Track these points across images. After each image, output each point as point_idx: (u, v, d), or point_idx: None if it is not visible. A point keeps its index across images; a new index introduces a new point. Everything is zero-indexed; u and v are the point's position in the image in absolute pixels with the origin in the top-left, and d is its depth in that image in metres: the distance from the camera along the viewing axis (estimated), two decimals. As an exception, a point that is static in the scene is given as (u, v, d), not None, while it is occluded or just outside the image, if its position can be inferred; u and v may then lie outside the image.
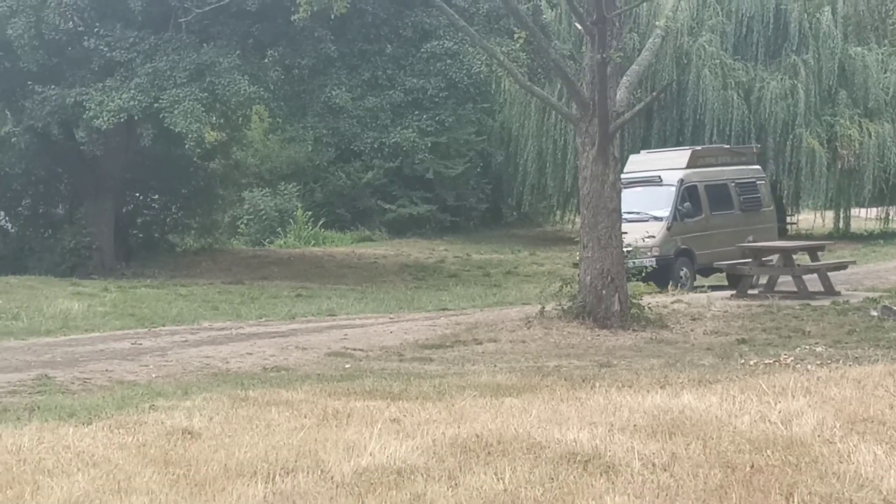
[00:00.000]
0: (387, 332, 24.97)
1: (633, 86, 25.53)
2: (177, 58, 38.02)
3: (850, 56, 53.21)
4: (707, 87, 50.21)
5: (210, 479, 9.38)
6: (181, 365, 20.07)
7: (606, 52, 23.24)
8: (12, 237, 46.44)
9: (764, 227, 37.08)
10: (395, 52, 41.15)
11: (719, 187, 36.54)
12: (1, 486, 9.43)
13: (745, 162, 39.44)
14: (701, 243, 34.73)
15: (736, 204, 36.71)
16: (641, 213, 33.98)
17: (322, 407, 13.25)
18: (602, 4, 23.20)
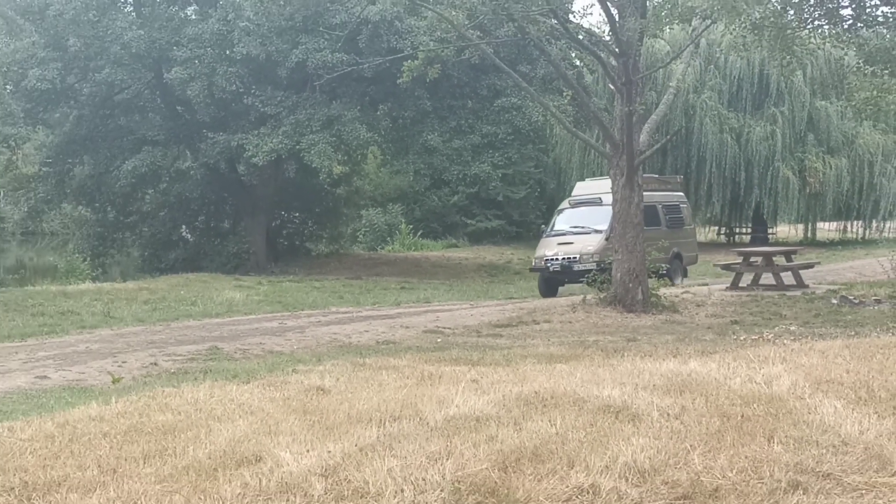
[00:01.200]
0: (468, 315, 24.95)
1: (652, 130, 25.40)
2: (312, 112, 38.22)
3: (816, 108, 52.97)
4: (707, 132, 49.96)
5: (337, 424, 9.39)
6: (315, 339, 20.15)
7: (632, 105, 23.32)
8: (191, 244, 46.78)
9: (686, 241, 35.79)
10: (474, 106, 41.17)
11: (650, 207, 31.92)
12: (184, 428, 9.49)
13: (671, 189, 37.04)
14: None
15: (663, 222, 34.53)
16: (586, 227, 32.74)
17: (420, 370, 13.23)
18: (629, 71, 23.27)
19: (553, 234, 33.80)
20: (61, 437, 9.35)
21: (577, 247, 31.73)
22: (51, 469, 8.04)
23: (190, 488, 7.38)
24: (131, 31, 39.56)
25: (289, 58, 37.57)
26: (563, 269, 31.79)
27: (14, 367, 16.63)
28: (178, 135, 43.54)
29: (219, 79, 38.60)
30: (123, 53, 39.83)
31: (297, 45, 37.47)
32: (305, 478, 7.47)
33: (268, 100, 39.15)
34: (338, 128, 38.25)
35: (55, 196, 48.22)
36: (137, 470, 7.98)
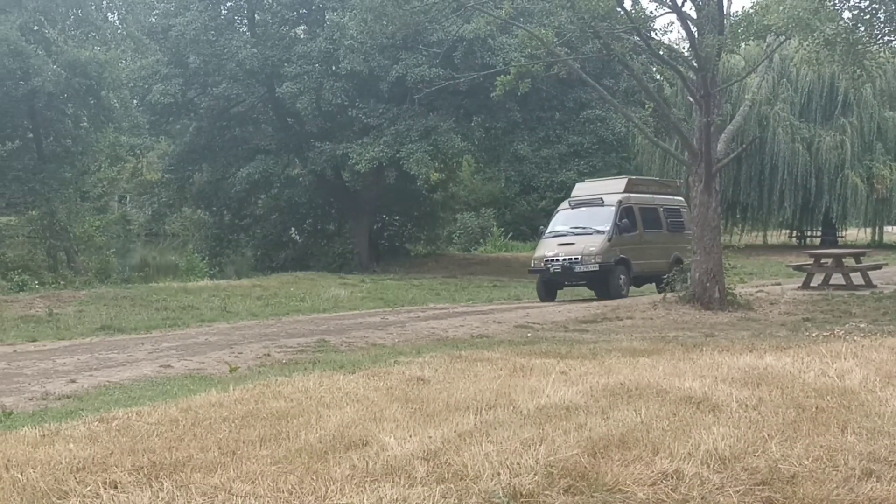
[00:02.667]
0: (556, 312, 24.84)
1: (729, 140, 25.11)
2: (411, 123, 38.41)
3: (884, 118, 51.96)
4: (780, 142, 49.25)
5: (437, 412, 9.40)
6: (415, 333, 20.17)
7: (710, 116, 23.13)
8: (300, 245, 47.16)
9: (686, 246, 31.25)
10: (561, 118, 41.08)
11: (651, 210, 31.66)
12: (296, 414, 9.55)
13: (671, 192, 34.09)
14: (636, 254, 30.01)
15: (664, 225, 31.96)
16: (587, 228, 29.96)
17: (512, 363, 13.20)
18: (707, 84, 23.09)
19: (553, 234, 31.06)
20: (185, 421, 9.46)
21: (578, 247, 29.28)
22: (176, 450, 8.13)
23: (303, 469, 7.43)
24: (246, 49, 40.07)
25: (390, 73, 37.76)
26: (563, 271, 29.23)
27: (141, 357, 16.85)
28: (289, 144, 43.90)
29: (325, 93, 38.98)
30: (239, 70, 40.36)
31: (397, 62, 37.65)
32: (409, 461, 7.49)
33: (370, 112, 39.40)
34: (435, 137, 38.38)
35: (176, 200, 49.04)
36: (254, 452, 8.05)
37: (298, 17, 45.30)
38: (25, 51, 35.25)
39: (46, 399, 12.56)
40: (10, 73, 35.97)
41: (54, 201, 37.62)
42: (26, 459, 7.91)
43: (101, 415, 10.06)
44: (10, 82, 36.59)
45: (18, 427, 9.73)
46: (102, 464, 7.75)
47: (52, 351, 17.99)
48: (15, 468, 7.64)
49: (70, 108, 39.56)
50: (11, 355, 17.43)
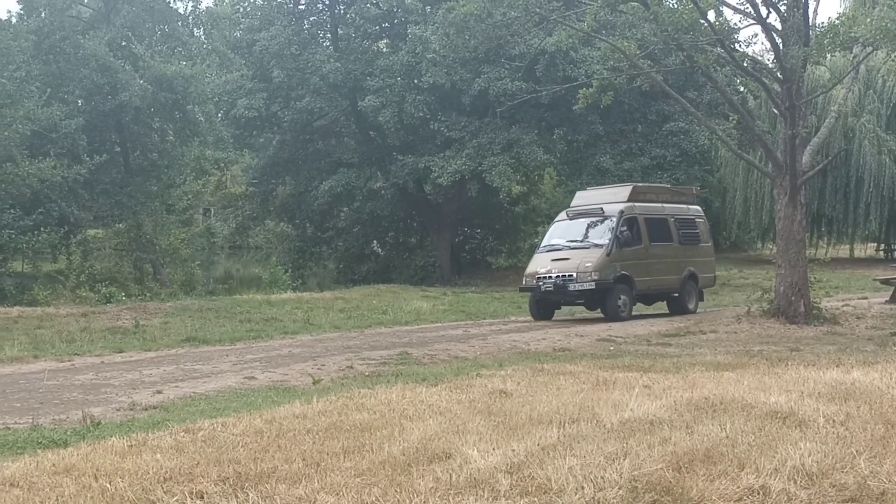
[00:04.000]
0: (639, 325, 24.74)
1: (814, 152, 24.86)
2: (493, 136, 38.45)
3: (970, 131, 51.14)
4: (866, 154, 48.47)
5: (520, 425, 9.39)
6: (496, 346, 20.16)
7: (795, 128, 22.94)
8: (382, 258, 47.30)
9: (702, 261, 29.77)
10: (643, 130, 40.92)
11: (659, 221, 28.66)
12: (379, 426, 9.58)
13: (685, 201, 30.65)
14: (640, 270, 27.30)
15: (675, 237, 28.87)
16: (584, 241, 27.37)
17: (595, 376, 13.15)
18: (792, 96, 22.91)
19: (547, 248, 28.32)
20: (269, 432, 9.53)
21: (573, 263, 26.63)
22: (261, 461, 8.20)
23: (387, 481, 7.45)
24: (329, 63, 40.38)
25: (472, 86, 37.83)
26: (556, 289, 26.64)
27: (225, 369, 17.01)
28: (371, 157, 44.10)
29: (408, 106, 39.15)
30: (322, 84, 40.66)
31: (479, 75, 37.70)
32: (492, 474, 7.48)
33: (452, 125, 39.50)
34: (517, 150, 38.40)
35: (260, 213, 49.48)
36: (338, 464, 8.09)
37: (381, 31, 45.58)
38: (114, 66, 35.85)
39: (133, 409, 12.71)
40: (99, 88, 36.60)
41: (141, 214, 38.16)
42: (114, 469, 8.02)
43: (186, 425, 10.17)
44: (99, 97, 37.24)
45: (107, 437, 9.86)
46: (189, 474, 7.83)
47: (138, 362, 18.22)
48: (103, 478, 7.75)
49: (156, 123, 40.17)
50: (99, 366, 17.68)
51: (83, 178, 34.79)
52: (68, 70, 36.84)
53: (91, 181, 36.51)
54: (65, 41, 36.85)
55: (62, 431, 10.98)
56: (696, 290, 29.31)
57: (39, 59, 36.77)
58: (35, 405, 13.29)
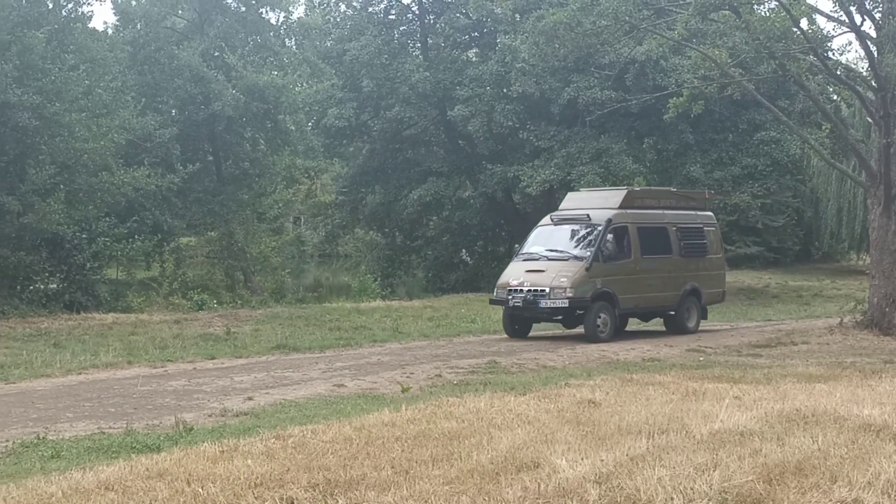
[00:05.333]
0: (728, 336, 24.55)
1: (910, 161, 24.47)
2: (582, 145, 38.30)
3: None
4: (964, 162, 47.76)
5: (609, 435, 9.36)
6: (585, 356, 20.11)
7: (890, 137, 22.60)
8: (471, 267, 47.28)
9: (709, 274, 26.84)
10: (734, 140, 40.51)
11: (656, 230, 25.66)
12: (468, 434, 9.61)
13: (693, 207, 27.64)
14: (626, 287, 24.23)
15: (675, 248, 25.92)
16: (563, 252, 24.39)
17: (684, 387, 13.08)
18: (887, 104, 22.59)
19: (525, 256, 25.52)
20: (358, 439, 9.59)
21: (548, 276, 23.70)
22: (350, 468, 8.25)
23: (475, 490, 7.46)
24: (419, 72, 40.53)
25: (561, 95, 37.74)
26: (525, 305, 23.86)
27: (315, 376, 17.15)
28: (460, 166, 44.18)
29: (497, 115, 39.16)
30: (411, 93, 40.84)
31: (568, 84, 37.60)
32: (581, 484, 7.46)
33: (541, 134, 39.44)
34: (606, 160, 38.21)
35: (349, 222, 49.74)
36: (427, 472, 8.12)
37: (470, 41, 45.67)
38: (207, 76, 36.36)
39: (225, 415, 12.86)
40: (192, 97, 37.13)
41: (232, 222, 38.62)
42: (206, 474, 8.13)
43: (277, 432, 10.27)
44: (192, 107, 37.77)
45: (199, 442, 9.99)
46: (279, 480, 7.91)
47: (229, 368, 18.42)
48: (196, 482, 7.85)
49: (248, 132, 40.64)
50: (192, 372, 17.90)
51: (176, 187, 35.28)
52: (163, 80, 37.42)
53: (184, 190, 37.02)
54: (159, 52, 37.45)
55: (155, 436, 11.14)
56: (698, 308, 26.49)
57: (135, 69, 37.40)
58: (129, 410, 13.50)
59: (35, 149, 28.00)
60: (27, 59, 27.12)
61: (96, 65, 31.67)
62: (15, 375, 17.31)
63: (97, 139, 29.48)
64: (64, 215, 28.06)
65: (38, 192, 27.77)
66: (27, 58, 27.13)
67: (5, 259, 26.62)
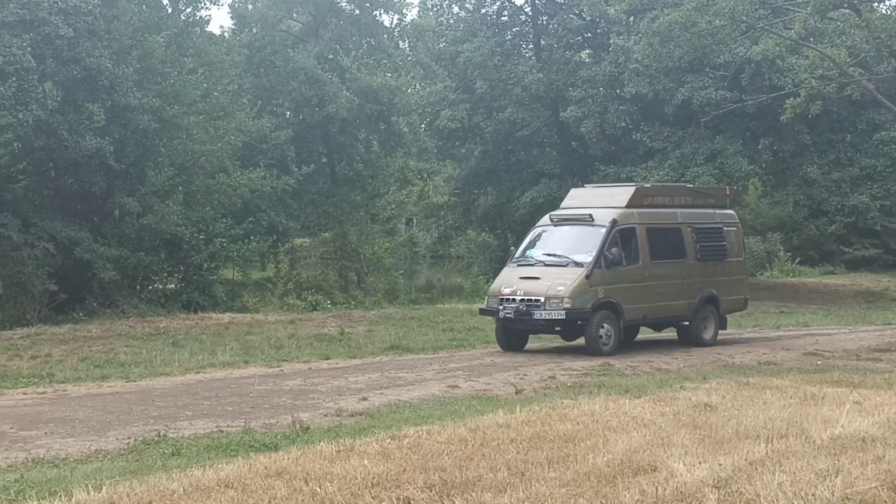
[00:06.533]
0: (847, 339, 24.14)
1: None
2: (697, 146, 37.92)
3: None
4: None
5: (726, 439, 9.27)
6: (700, 359, 19.93)
7: None
8: (583, 268, 46.97)
9: (729, 280, 24.06)
10: (853, 140, 39.75)
11: (668, 232, 23.01)
12: (583, 437, 9.58)
13: (712, 205, 24.73)
14: (632, 296, 21.63)
15: (690, 252, 23.13)
16: (562, 257, 21.78)
17: (802, 391, 12.89)
18: None
19: (519, 262, 22.86)
20: (473, 441, 9.60)
21: (543, 284, 21.14)
22: (465, 469, 8.26)
23: (592, 493, 7.43)
24: (531, 74, 40.53)
25: (675, 96, 37.42)
26: (517, 316, 21.04)
27: (429, 377, 17.21)
28: (572, 168, 44.05)
29: (610, 116, 38.99)
30: (524, 94, 40.85)
31: (682, 84, 37.26)
32: (699, 488, 7.40)
33: (655, 135, 39.15)
34: (720, 161, 37.79)
35: (462, 223, 49.82)
36: (542, 474, 8.10)
37: (583, 42, 45.53)
38: (322, 79, 36.74)
39: (340, 415, 12.97)
40: (307, 100, 37.53)
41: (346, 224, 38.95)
42: (324, 473, 8.20)
43: (392, 432, 10.33)
44: (307, 109, 38.19)
45: (315, 442, 10.09)
46: (395, 480, 7.96)
47: (344, 369, 18.56)
48: (314, 482, 7.92)
49: (362, 134, 40.96)
50: (307, 372, 18.08)
51: (291, 189, 35.69)
52: (278, 83, 37.89)
53: (299, 191, 37.43)
54: (275, 55, 37.92)
55: (272, 435, 11.27)
56: (716, 317, 23.60)
57: (251, 72, 37.90)
58: (246, 409, 13.68)
59: (154, 151, 28.54)
60: (147, 63, 27.67)
61: (214, 68, 32.20)
62: (135, 374, 17.67)
63: (214, 141, 29.98)
64: (182, 216, 28.57)
65: (157, 194, 28.33)
66: (147, 62, 27.68)
67: (125, 259, 27.12)
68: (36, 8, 23.94)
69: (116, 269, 26.68)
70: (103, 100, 25.79)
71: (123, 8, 27.39)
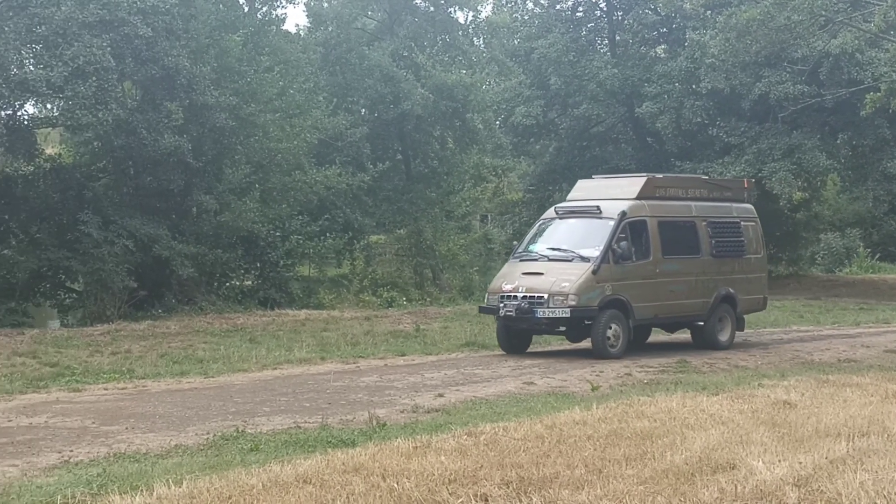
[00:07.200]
0: (929, 337, 23.83)
1: None
2: (774, 141, 37.56)
3: None
4: None
5: (805, 437, 9.18)
6: (778, 355, 19.79)
7: None
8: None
9: (746, 278, 22.71)
10: (935, 135, 39.25)
11: (681, 225, 21.72)
12: (660, 434, 9.54)
13: (729, 198, 23.44)
14: (643, 293, 20.31)
15: (705, 247, 21.75)
16: (567, 252, 20.49)
17: (884, 389, 12.76)
18: None
19: (522, 257, 21.58)
20: (550, 437, 9.60)
21: (547, 280, 19.83)
22: (542, 466, 8.26)
23: (670, 490, 7.40)
24: (606, 69, 40.38)
25: (752, 91, 37.06)
26: (519, 315, 19.69)
27: (504, 374, 17.22)
28: (648, 164, 43.65)
29: (686, 112, 38.71)
30: (599, 90, 40.69)
31: (759, 79, 36.89)
32: (779, 486, 7.34)
33: (731, 130, 38.83)
34: (798, 156, 37.39)
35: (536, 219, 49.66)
36: (620, 471, 8.08)
37: (659, 37, 45.20)
38: (397, 76, 36.81)
39: (416, 412, 13.01)
40: (382, 97, 37.61)
41: (421, 220, 38.98)
42: (401, 470, 8.23)
43: (469, 429, 10.35)
44: (382, 106, 38.26)
45: (392, 438, 10.13)
46: (472, 477, 7.97)
47: (419, 365, 18.62)
48: (391, 478, 7.96)
49: (437, 130, 40.96)
50: (383, 369, 18.16)
51: (367, 185, 35.82)
52: (353, 80, 37.99)
53: (374, 188, 37.54)
54: (350, 52, 38.02)
55: (349, 431, 11.33)
56: (733, 317, 22.24)
57: (326, 70, 38.06)
58: (323, 405, 13.76)
59: (231, 149, 28.79)
60: (224, 61, 27.92)
61: (290, 66, 32.40)
62: (213, 370, 17.84)
63: (290, 139, 30.18)
64: (258, 214, 28.79)
65: (234, 192, 28.57)
66: (224, 60, 27.92)
67: (203, 256, 27.37)
68: (115, 8, 24.21)
69: (194, 266, 26.95)
70: (181, 98, 26.06)
71: (201, 7, 27.66)
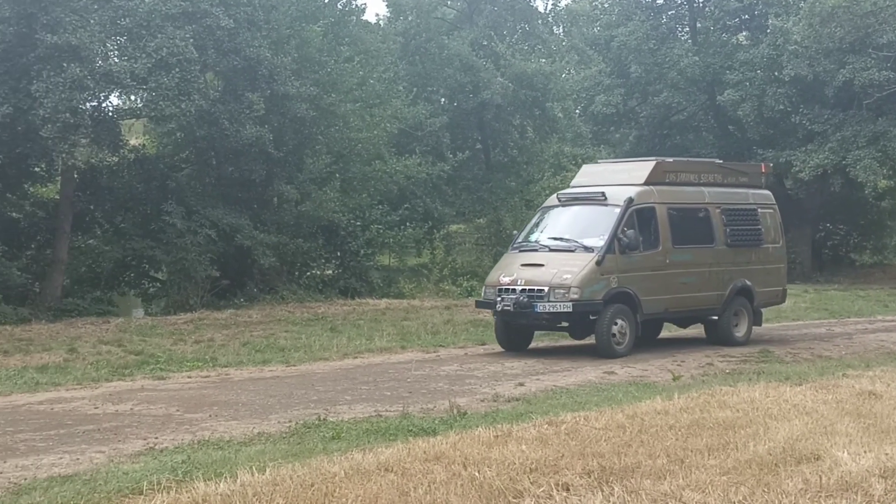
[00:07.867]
0: None
1: None
2: (858, 128, 37.10)
3: None
4: None
5: (891, 428, 9.08)
6: (862, 346, 19.54)
7: None
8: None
9: (764, 269, 21.03)
10: None
11: (692, 213, 20.13)
12: (743, 424, 9.47)
13: (745, 184, 21.55)
14: (651, 286, 18.78)
15: (719, 236, 20.14)
16: (570, 242, 18.92)
17: (975, 380, 12.55)
18: None
19: (521, 247, 19.95)
20: (631, 427, 9.56)
21: (548, 272, 18.29)
22: (624, 456, 8.23)
23: (753, 481, 7.34)
24: (687, 57, 40.14)
25: (836, 77, 36.62)
26: (517, 309, 18.17)
27: (584, 363, 17.17)
28: (730, 152, 43.32)
29: (768, 99, 38.36)
30: (680, 78, 40.47)
31: (844, 66, 36.43)
32: (864, 478, 7.25)
33: (814, 118, 38.39)
34: (883, 143, 36.88)
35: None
36: (702, 461, 8.03)
37: (741, 24, 44.80)
38: (476, 65, 36.86)
39: (497, 401, 13.00)
40: (462, 86, 37.69)
41: (501, 210, 38.96)
42: (482, 458, 8.24)
43: (549, 418, 10.34)
44: (462, 95, 38.34)
45: (472, 427, 10.14)
46: (553, 466, 7.96)
47: (500, 354, 18.61)
48: (472, 466, 7.97)
49: (516, 120, 40.96)
50: (463, 358, 18.18)
51: (446, 175, 35.93)
52: (433, 70, 38.11)
53: (454, 177, 37.65)
54: (430, 42, 38.14)
55: (430, 420, 11.34)
56: (749, 311, 20.69)
57: (406, 59, 38.21)
58: (404, 394, 13.80)
59: (312, 139, 28.99)
60: (305, 51, 28.12)
61: (370, 56, 32.57)
62: (295, 358, 17.97)
63: (370, 129, 30.35)
64: (339, 203, 28.99)
65: (314, 181, 28.79)
66: (305, 51, 28.12)
67: (285, 246, 27.61)
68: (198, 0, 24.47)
69: (276, 255, 27.21)
70: (262, 89, 26.28)
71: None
